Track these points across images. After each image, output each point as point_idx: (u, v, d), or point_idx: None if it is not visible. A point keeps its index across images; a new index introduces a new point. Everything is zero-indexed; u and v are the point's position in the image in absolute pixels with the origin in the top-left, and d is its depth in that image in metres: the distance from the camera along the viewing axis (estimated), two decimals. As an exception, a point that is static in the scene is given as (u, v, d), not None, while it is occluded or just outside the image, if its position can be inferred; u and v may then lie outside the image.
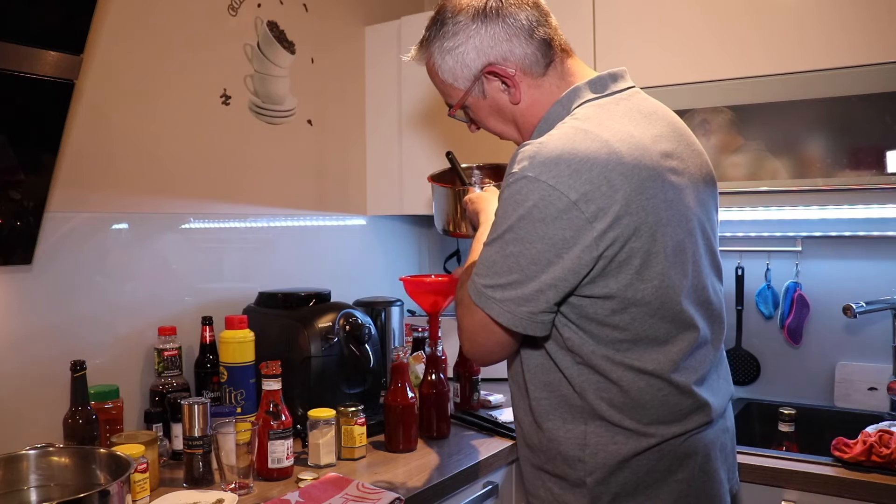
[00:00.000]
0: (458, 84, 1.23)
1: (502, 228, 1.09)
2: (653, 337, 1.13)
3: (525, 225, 1.07)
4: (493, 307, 1.11)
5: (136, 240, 1.76)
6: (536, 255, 1.07)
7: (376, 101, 2.42)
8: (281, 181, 2.15)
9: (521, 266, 1.08)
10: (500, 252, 1.10)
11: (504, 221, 1.09)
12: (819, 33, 1.72)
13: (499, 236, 1.10)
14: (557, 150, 1.06)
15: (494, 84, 1.21)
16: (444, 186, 1.66)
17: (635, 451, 1.14)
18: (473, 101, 1.25)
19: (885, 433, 1.58)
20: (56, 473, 1.28)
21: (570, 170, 1.05)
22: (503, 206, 1.10)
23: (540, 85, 1.21)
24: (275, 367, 1.54)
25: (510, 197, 1.09)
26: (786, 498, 1.60)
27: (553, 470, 1.20)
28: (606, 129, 1.10)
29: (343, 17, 2.36)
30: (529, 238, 1.07)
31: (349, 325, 1.80)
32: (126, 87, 1.73)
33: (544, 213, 1.05)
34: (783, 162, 1.79)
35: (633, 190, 1.07)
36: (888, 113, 1.65)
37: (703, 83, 1.85)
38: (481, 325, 1.14)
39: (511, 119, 1.25)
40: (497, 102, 1.24)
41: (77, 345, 1.61)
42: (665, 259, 1.10)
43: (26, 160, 1.40)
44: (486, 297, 1.12)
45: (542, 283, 1.08)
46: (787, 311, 2.10)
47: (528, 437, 1.25)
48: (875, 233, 2.01)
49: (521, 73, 1.19)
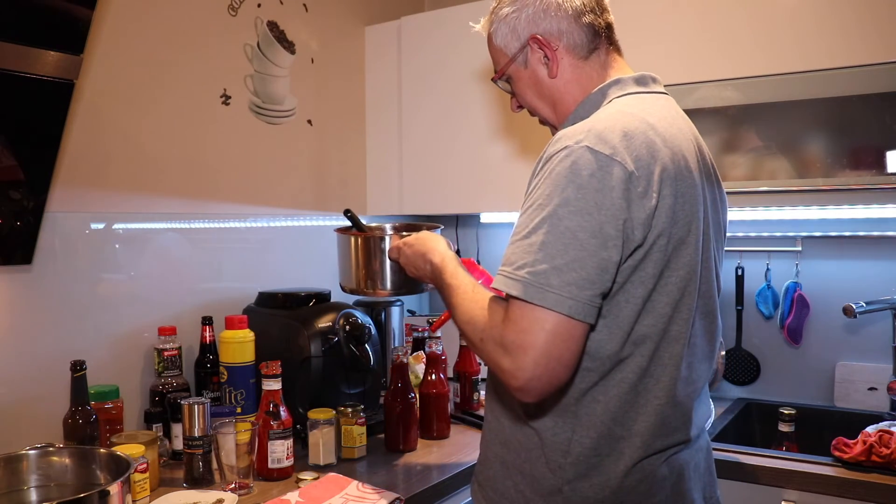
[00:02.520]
0: (507, 51, 1.25)
1: (554, 204, 1.00)
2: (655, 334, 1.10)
3: (584, 195, 1.00)
4: (549, 297, 0.97)
5: (136, 240, 1.76)
6: (597, 227, 0.99)
7: (376, 101, 2.42)
8: (281, 181, 2.15)
9: (581, 241, 0.99)
10: (551, 231, 1.00)
11: (555, 196, 1.01)
12: (818, 33, 1.72)
13: (549, 214, 1.00)
14: (611, 126, 1.06)
15: (537, 55, 1.23)
16: (359, 235, 1.49)
17: (620, 470, 1.10)
18: (515, 70, 1.26)
19: (885, 433, 1.58)
20: (56, 473, 1.29)
21: (625, 143, 1.04)
22: (552, 181, 1.02)
23: (581, 67, 1.23)
24: (275, 367, 1.54)
25: (562, 170, 1.02)
26: (786, 498, 1.60)
27: (529, 471, 1.15)
28: (651, 115, 1.12)
29: (343, 17, 2.36)
30: (588, 209, 0.99)
31: (349, 325, 1.80)
32: (126, 87, 1.73)
33: (603, 183, 1.00)
34: (783, 162, 1.79)
35: (677, 180, 1.08)
36: (888, 113, 1.65)
37: (702, 83, 1.85)
38: (540, 328, 0.98)
39: (548, 95, 1.25)
40: (536, 75, 1.25)
41: (77, 345, 1.61)
42: (693, 256, 1.11)
43: (26, 160, 1.40)
44: (537, 286, 0.98)
45: (604, 259, 1.00)
46: (787, 311, 2.10)
47: (508, 433, 1.20)
48: (875, 233, 2.01)
49: (564, 50, 1.22)
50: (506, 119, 2.14)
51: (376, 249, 1.46)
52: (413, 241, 1.37)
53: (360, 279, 1.49)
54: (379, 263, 1.46)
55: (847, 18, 1.69)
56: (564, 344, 0.99)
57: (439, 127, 2.27)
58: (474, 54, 2.17)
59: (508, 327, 1.01)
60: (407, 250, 1.37)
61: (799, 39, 1.74)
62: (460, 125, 2.22)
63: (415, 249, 1.35)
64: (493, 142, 2.17)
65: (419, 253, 1.33)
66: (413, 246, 1.36)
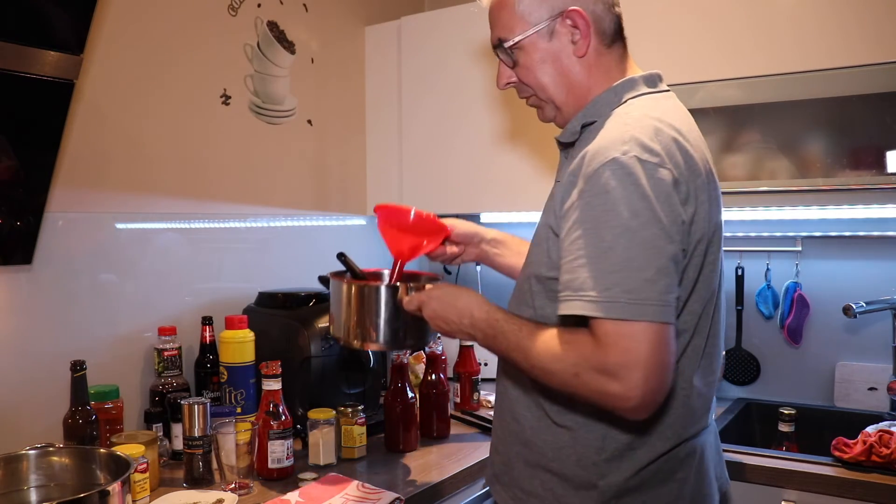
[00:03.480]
0: (530, 18, 1.18)
1: (624, 218, 1.00)
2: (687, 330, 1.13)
3: (649, 205, 1.01)
4: (648, 310, 0.98)
5: (136, 240, 1.76)
6: (668, 233, 1.01)
7: (376, 101, 2.42)
8: (281, 181, 2.15)
9: (660, 249, 1.00)
10: (631, 245, 0.99)
11: (622, 210, 1.00)
12: (818, 33, 1.72)
13: (624, 229, 0.99)
14: (648, 133, 1.06)
15: (567, 30, 1.18)
16: (355, 283, 1.36)
17: (651, 457, 1.12)
18: (534, 40, 1.19)
19: (885, 433, 1.58)
20: (56, 473, 1.29)
21: (666, 150, 1.05)
22: (612, 196, 1.01)
23: (603, 54, 1.20)
24: (275, 367, 1.54)
25: (619, 183, 1.01)
26: (786, 498, 1.60)
27: (559, 469, 1.16)
28: (673, 119, 1.12)
29: (343, 17, 2.36)
30: (657, 217, 1.01)
31: (349, 325, 1.80)
32: (126, 87, 1.73)
33: (659, 190, 1.02)
34: (783, 162, 1.79)
35: (708, 184, 1.12)
36: (888, 113, 1.65)
37: (703, 83, 1.85)
38: (642, 342, 0.98)
39: (565, 74, 1.20)
40: (560, 49, 1.19)
41: (77, 345, 1.61)
42: (717, 252, 1.14)
43: (26, 160, 1.40)
44: (637, 303, 0.98)
45: (678, 263, 1.03)
46: (787, 311, 2.10)
47: (529, 434, 1.21)
48: (875, 233, 2.01)
49: (594, 32, 1.18)
50: (506, 119, 2.14)
51: (372, 299, 1.32)
52: (442, 293, 1.25)
53: (351, 330, 1.34)
54: (374, 315, 1.32)
55: (847, 18, 1.69)
56: (666, 350, 1.00)
57: (439, 127, 2.27)
58: (474, 54, 2.17)
59: (608, 351, 0.99)
60: (434, 304, 1.25)
61: (799, 39, 1.74)
62: (460, 125, 2.22)
63: (445, 302, 1.24)
64: (494, 141, 2.17)
65: (451, 305, 1.23)
66: (442, 299, 1.25)
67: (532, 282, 1.20)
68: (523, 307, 1.22)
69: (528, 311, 1.20)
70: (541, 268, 1.17)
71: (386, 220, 1.44)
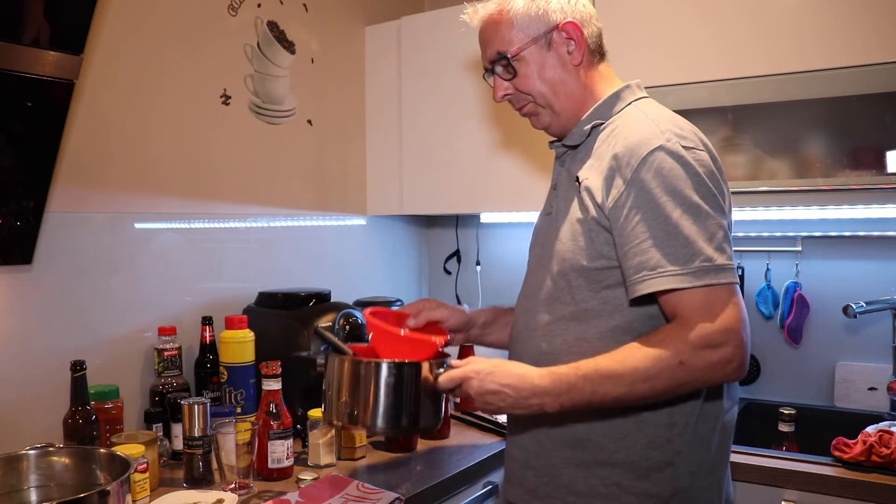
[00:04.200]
0: (529, 31, 1.26)
1: (684, 195, 1.10)
2: None
3: (702, 182, 1.11)
4: (726, 274, 1.09)
5: (136, 239, 1.76)
6: (720, 206, 1.13)
7: (376, 101, 2.42)
8: (281, 181, 2.15)
9: (718, 221, 1.11)
10: (698, 219, 1.09)
11: (682, 189, 1.10)
12: (818, 34, 1.72)
13: (688, 205, 1.09)
14: (677, 124, 1.18)
15: (562, 41, 1.26)
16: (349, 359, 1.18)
17: (715, 425, 1.18)
18: (533, 52, 1.26)
19: (885, 433, 1.58)
20: (56, 473, 1.28)
21: (694, 136, 1.17)
22: (668, 179, 1.10)
23: (593, 64, 1.30)
24: (275, 367, 1.54)
25: (672, 166, 1.11)
26: (786, 498, 1.60)
27: (625, 459, 1.16)
28: (676, 115, 1.23)
29: (343, 17, 2.36)
30: (711, 192, 1.12)
31: (349, 325, 1.80)
32: (126, 87, 1.73)
33: (706, 169, 1.13)
34: (783, 162, 1.79)
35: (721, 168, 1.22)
36: (888, 113, 1.65)
37: (702, 83, 1.85)
38: (729, 303, 1.08)
39: (563, 82, 1.27)
40: (558, 59, 1.27)
41: (77, 345, 1.61)
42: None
43: (26, 160, 1.40)
44: (718, 268, 1.08)
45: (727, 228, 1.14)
46: (787, 311, 2.10)
47: (582, 433, 1.18)
48: (875, 233, 2.01)
49: (586, 44, 1.27)
50: (506, 119, 2.14)
51: (371, 376, 1.15)
52: (486, 368, 1.15)
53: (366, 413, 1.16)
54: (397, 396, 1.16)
55: (846, 19, 1.69)
56: (742, 305, 1.09)
57: (439, 127, 2.27)
58: (475, 54, 2.16)
59: (703, 322, 1.06)
60: (477, 382, 1.14)
61: (799, 39, 1.74)
62: (460, 125, 2.22)
63: (495, 378, 1.13)
64: (494, 141, 2.17)
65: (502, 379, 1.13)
66: (490, 375, 1.14)
67: (571, 277, 1.21)
68: (559, 305, 1.22)
69: (569, 308, 1.21)
70: (582, 260, 1.19)
71: (377, 335, 1.29)
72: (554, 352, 1.22)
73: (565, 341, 1.21)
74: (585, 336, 1.19)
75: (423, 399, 1.16)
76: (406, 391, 1.13)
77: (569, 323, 1.21)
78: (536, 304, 1.27)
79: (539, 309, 1.26)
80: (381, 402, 1.13)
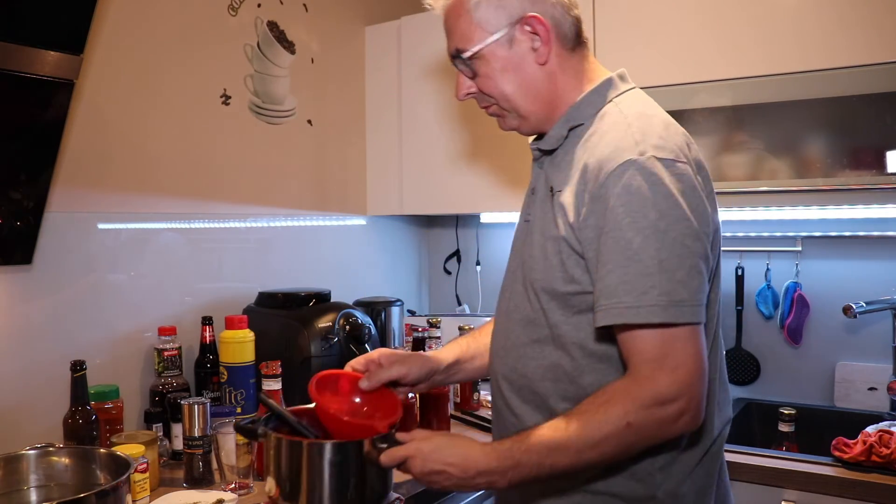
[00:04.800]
0: (488, 26, 1.12)
1: (651, 219, 0.97)
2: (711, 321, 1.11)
3: (675, 203, 0.99)
4: (686, 312, 0.97)
5: (136, 239, 1.76)
6: (696, 230, 1.00)
7: (376, 101, 2.42)
8: (281, 181, 2.15)
9: (690, 249, 0.98)
10: (663, 247, 0.97)
11: (648, 212, 0.98)
12: (818, 33, 1.72)
13: (652, 230, 0.97)
14: (656, 130, 1.04)
15: (527, 37, 1.12)
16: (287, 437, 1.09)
17: (700, 455, 1.09)
18: (493, 49, 1.13)
19: (884, 433, 1.58)
20: (56, 473, 1.28)
21: (678, 145, 1.05)
22: (636, 199, 0.98)
23: (567, 60, 1.15)
24: (275, 367, 1.54)
25: (641, 184, 0.98)
26: (786, 498, 1.60)
27: (606, 488, 1.07)
28: (661, 113, 1.12)
29: (343, 17, 2.36)
30: (684, 215, 0.99)
31: (349, 325, 1.80)
32: (126, 87, 1.73)
33: (684, 185, 1.01)
34: (783, 162, 1.79)
35: (709, 180, 1.10)
36: (888, 113, 1.65)
37: (702, 83, 1.85)
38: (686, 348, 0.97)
39: (529, 84, 1.14)
40: (521, 58, 1.13)
41: (77, 345, 1.61)
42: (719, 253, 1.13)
43: (26, 160, 1.40)
44: (682, 305, 0.96)
45: (708, 260, 1.02)
46: (787, 311, 2.10)
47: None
48: (875, 233, 2.01)
49: (555, 38, 1.13)
50: (506, 119, 2.14)
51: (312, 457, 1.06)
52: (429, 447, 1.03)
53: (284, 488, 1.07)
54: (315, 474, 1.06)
55: (847, 18, 1.69)
56: (703, 350, 0.99)
57: (439, 127, 2.27)
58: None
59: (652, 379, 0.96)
60: (418, 462, 1.03)
61: (799, 39, 1.74)
62: (460, 125, 2.22)
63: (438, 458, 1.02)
64: (494, 141, 2.17)
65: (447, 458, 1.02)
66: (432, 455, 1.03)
67: (542, 298, 1.11)
68: (533, 327, 1.13)
69: (543, 330, 1.12)
70: (553, 283, 1.09)
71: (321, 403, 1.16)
72: (529, 376, 1.13)
73: (540, 366, 1.12)
74: (560, 363, 1.10)
75: (367, 476, 1.09)
76: (347, 471, 1.07)
77: (544, 346, 1.12)
78: (512, 322, 1.17)
79: (515, 328, 1.17)
80: (325, 483, 1.07)
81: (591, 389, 1.06)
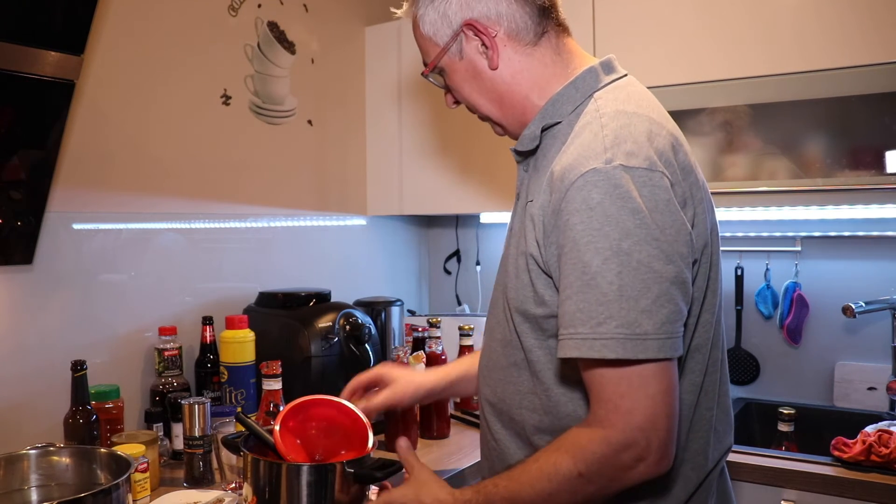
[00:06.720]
0: (437, 39, 1.09)
1: (613, 239, 0.86)
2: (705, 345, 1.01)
3: (643, 219, 0.86)
4: (650, 346, 0.85)
5: (136, 239, 1.76)
6: (669, 251, 0.87)
7: (376, 101, 2.42)
8: (281, 181, 2.15)
9: (658, 272, 0.86)
10: (624, 270, 0.85)
11: (610, 230, 0.86)
12: (818, 34, 1.72)
13: (614, 251, 0.86)
14: (630, 134, 0.92)
15: (473, 44, 1.06)
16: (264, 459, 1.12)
17: (693, 489, 1.01)
18: (450, 62, 1.09)
19: (884, 433, 1.58)
20: (56, 473, 1.28)
21: (653, 150, 0.92)
22: (597, 214, 0.87)
23: (530, 54, 1.06)
24: (275, 367, 1.54)
25: (604, 198, 0.87)
26: (785, 498, 1.60)
27: None
28: (646, 108, 1.00)
29: (343, 17, 2.36)
30: (653, 235, 0.86)
31: (349, 325, 1.80)
32: (126, 88, 1.73)
33: (655, 199, 0.88)
34: (783, 162, 1.79)
35: (698, 180, 1.00)
36: (888, 113, 1.65)
37: (702, 83, 1.85)
38: (651, 385, 0.86)
39: (490, 90, 1.08)
40: (474, 66, 1.07)
41: (77, 345, 1.61)
42: (717, 262, 1.03)
43: (26, 160, 1.40)
44: (645, 339, 0.85)
45: (684, 283, 0.88)
46: (787, 311, 2.10)
47: None
48: (875, 233, 2.01)
49: (507, 37, 1.05)
50: (506, 119, 2.14)
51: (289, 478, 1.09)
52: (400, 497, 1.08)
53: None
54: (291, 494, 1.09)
55: (848, 19, 1.69)
56: (672, 390, 0.88)
57: (439, 127, 2.27)
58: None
59: (605, 423, 0.87)
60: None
61: (799, 40, 1.74)
62: (461, 125, 2.22)
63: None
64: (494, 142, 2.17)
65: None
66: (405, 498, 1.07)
67: (516, 319, 1.04)
68: (511, 349, 1.06)
69: (519, 354, 1.05)
70: (523, 303, 1.01)
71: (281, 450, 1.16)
72: (507, 401, 1.07)
73: (518, 392, 1.05)
74: (535, 391, 1.03)
75: (339, 498, 1.11)
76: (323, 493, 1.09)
77: (521, 371, 1.05)
78: (494, 342, 1.11)
79: (496, 348, 1.10)
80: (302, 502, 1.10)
81: (567, 422, 0.98)
